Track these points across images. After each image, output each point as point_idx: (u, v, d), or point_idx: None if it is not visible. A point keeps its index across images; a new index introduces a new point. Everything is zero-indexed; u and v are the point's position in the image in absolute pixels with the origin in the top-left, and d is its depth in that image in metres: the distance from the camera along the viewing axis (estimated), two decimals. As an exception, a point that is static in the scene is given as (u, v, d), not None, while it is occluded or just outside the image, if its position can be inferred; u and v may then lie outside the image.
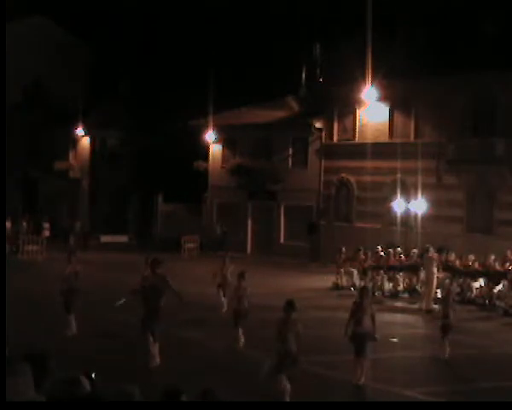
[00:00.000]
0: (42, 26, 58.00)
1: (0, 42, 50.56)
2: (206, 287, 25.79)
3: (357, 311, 15.54)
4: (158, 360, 16.45)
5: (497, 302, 26.99)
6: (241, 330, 19.01)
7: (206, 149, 49.61)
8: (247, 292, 19.11)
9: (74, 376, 5.87)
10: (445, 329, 18.41)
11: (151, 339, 16.42)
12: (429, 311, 25.74)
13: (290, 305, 13.98)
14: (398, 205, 36.51)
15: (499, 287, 27.30)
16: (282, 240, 45.59)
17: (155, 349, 16.47)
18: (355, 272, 31.23)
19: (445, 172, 37.45)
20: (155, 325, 16.45)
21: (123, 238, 51.61)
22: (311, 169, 43.86)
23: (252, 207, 46.91)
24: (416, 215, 35.92)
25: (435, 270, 27.46)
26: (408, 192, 37.37)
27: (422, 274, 28.61)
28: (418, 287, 29.49)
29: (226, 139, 48.70)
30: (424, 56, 36.45)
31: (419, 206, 35.51)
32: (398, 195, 37.34)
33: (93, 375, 6.30)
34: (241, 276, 19.49)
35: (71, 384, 5.74)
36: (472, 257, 29.00)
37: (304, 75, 47.99)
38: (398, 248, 31.76)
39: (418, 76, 37.35)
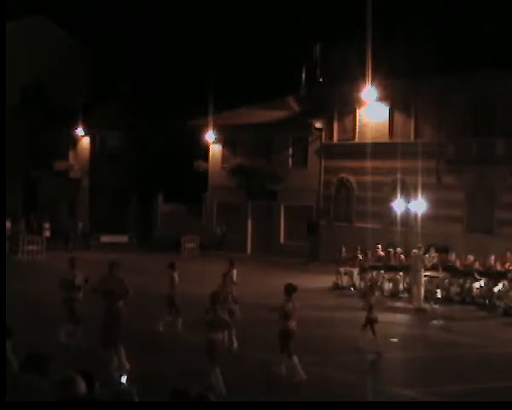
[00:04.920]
0: (42, 26, 57.99)
1: (0, 42, 50.56)
2: (206, 287, 25.70)
3: None
4: (127, 365, 15.35)
5: (497, 302, 26.97)
6: (233, 332, 18.40)
7: (206, 149, 49.61)
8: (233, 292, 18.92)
9: (69, 377, 5.85)
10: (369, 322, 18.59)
11: (112, 349, 15.47)
12: (419, 310, 25.84)
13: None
14: (398, 205, 36.47)
15: (499, 287, 27.29)
16: (281, 240, 45.56)
17: (117, 359, 15.44)
18: (355, 272, 31.23)
19: (445, 172, 37.44)
20: (115, 331, 15.61)
21: (123, 238, 51.58)
22: (311, 169, 43.85)
23: (252, 207, 46.88)
24: (416, 215, 35.89)
25: (422, 269, 27.57)
26: (408, 192, 37.34)
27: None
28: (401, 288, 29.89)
29: (226, 139, 48.69)
30: (424, 56, 36.42)
31: (419, 206, 35.46)
32: (398, 195, 37.32)
33: (123, 378, 6.24)
34: (224, 276, 19.23)
35: (65, 385, 5.72)
36: (472, 257, 29.00)
37: (304, 75, 47.96)
38: (398, 249, 31.76)
39: (418, 76, 37.35)
